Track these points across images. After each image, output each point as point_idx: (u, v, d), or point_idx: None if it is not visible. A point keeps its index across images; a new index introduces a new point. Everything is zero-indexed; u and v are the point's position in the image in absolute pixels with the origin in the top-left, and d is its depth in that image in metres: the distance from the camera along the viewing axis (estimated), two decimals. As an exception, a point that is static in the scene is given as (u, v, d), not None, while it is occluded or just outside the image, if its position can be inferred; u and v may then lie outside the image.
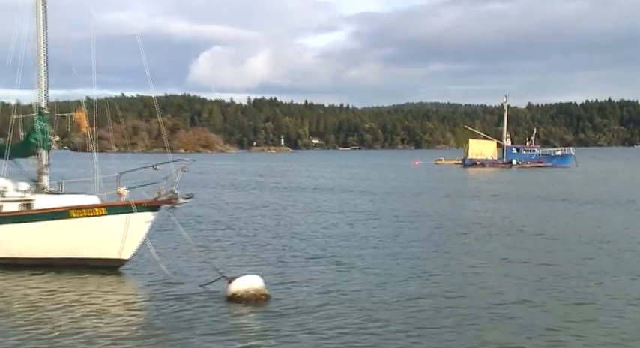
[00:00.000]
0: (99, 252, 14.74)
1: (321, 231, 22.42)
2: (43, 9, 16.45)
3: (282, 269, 15.18)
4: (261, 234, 21.55)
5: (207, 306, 11.96)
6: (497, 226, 23.87)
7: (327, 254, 17.52)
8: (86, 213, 14.54)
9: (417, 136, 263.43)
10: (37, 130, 16.61)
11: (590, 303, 12.33)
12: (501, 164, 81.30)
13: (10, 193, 16.03)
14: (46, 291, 13.29)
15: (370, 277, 14.49)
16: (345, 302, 12.28)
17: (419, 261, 16.56)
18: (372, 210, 30.09)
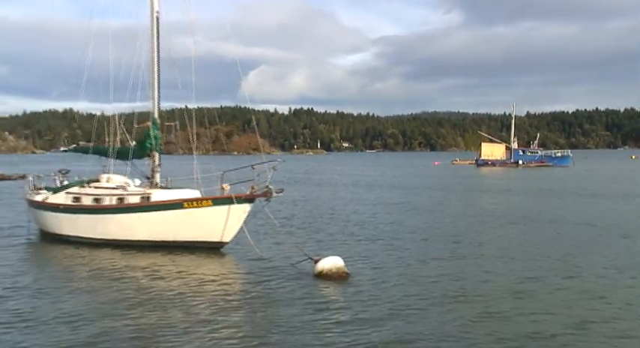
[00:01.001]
0: (205, 236, 15.09)
1: (378, 219, 22.51)
2: (157, 37, 16.95)
3: (357, 251, 15.22)
4: (333, 222, 21.59)
5: (297, 282, 12.07)
6: (519, 215, 23.71)
7: (389, 238, 17.69)
8: (196, 204, 14.93)
9: (432, 140, 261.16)
10: (151, 136, 17.13)
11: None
12: (509, 164, 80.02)
13: (131, 188, 16.62)
14: (161, 266, 13.68)
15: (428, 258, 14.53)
16: (414, 278, 12.42)
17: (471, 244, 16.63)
18: (412, 202, 30.02)
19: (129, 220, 15.53)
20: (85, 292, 11.56)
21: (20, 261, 15.07)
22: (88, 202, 16.66)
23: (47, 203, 17.52)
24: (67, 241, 16.74)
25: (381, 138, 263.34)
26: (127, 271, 13.34)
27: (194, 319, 9.59)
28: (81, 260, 14.61)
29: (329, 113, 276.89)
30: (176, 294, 11.21)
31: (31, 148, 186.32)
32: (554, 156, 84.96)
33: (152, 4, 16.85)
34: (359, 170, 68.33)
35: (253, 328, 9.20)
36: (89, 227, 16.23)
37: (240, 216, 14.74)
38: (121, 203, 15.88)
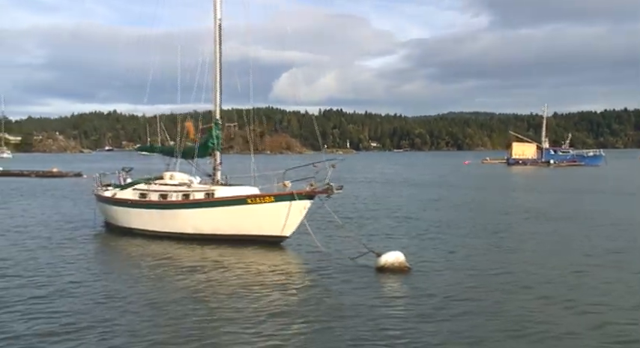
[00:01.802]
0: (266, 230, 15.35)
1: (427, 215, 22.57)
2: (220, 43, 17.33)
3: (414, 246, 15.27)
4: (384, 218, 21.66)
5: (359, 274, 12.18)
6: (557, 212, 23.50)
7: (441, 233, 17.82)
8: (259, 200, 15.22)
9: (459, 140, 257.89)
10: (213, 136, 17.53)
11: None
12: (540, 163, 78.54)
13: (195, 184, 17.06)
14: (225, 259, 13.95)
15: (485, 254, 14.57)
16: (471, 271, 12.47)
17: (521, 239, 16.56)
18: (452, 199, 29.94)
19: (195, 215, 15.94)
20: (153, 280, 12.02)
21: (92, 251, 15.74)
22: (155, 198, 17.17)
23: (116, 199, 18.12)
24: (135, 234, 17.26)
25: (409, 138, 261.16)
26: (193, 262, 13.70)
27: (256, 310, 9.66)
28: (148, 251, 15.04)
29: (357, 114, 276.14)
30: (239, 285, 11.40)
31: (78, 147, 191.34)
32: (587, 155, 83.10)
33: (215, 12, 17.23)
34: (392, 169, 68.01)
35: (317, 318, 9.22)
36: (157, 221, 16.71)
37: (300, 211, 14.97)
38: (188, 199, 16.31)
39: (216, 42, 17.25)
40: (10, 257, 14.08)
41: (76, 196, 31.38)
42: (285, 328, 8.72)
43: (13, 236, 17.32)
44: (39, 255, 14.41)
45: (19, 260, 13.75)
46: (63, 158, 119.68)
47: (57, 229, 18.84)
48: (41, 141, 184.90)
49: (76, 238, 17.37)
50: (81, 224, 20.16)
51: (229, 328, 8.76)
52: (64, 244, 16.19)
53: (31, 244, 15.88)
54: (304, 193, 14.80)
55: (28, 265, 13.25)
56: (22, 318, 9.20)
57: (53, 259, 13.99)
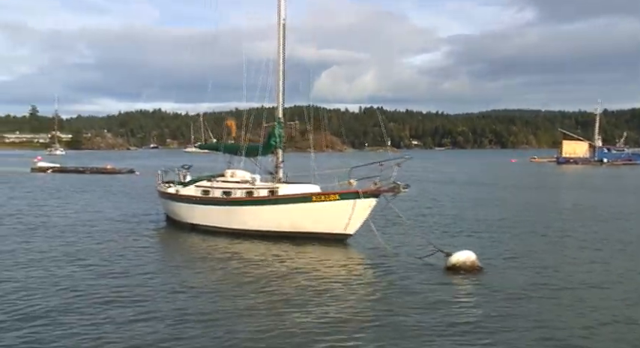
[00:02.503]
0: (330, 228, 15.45)
1: (487, 215, 22.20)
2: (284, 43, 17.52)
3: (482, 245, 15.04)
4: (445, 217, 21.45)
5: (428, 274, 12.09)
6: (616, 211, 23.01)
7: (505, 232, 17.62)
8: (324, 198, 15.34)
9: (502, 138, 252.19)
10: (276, 134, 17.76)
11: None
12: (593, 162, 76.04)
13: (258, 182, 17.32)
14: (288, 255, 14.12)
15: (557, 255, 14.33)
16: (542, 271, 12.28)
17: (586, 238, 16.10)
18: (508, 198, 29.59)
19: (259, 212, 16.19)
20: (221, 272, 12.39)
21: (158, 244, 16.38)
22: (218, 195, 17.53)
23: (180, 195, 18.58)
24: (198, 230, 17.67)
25: (451, 136, 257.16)
26: (257, 257, 13.93)
27: (322, 307, 9.65)
28: (213, 246, 15.34)
29: (398, 112, 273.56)
30: (305, 281, 11.48)
31: (126, 145, 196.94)
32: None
33: (279, 12, 17.43)
34: (438, 167, 66.85)
35: (389, 317, 9.17)
36: (220, 218, 17.05)
37: (365, 210, 14.99)
38: (252, 196, 16.57)
39: (279, 41, 17.45)
40: (85, 250, 14.69)
41: (133, 192, 32.39)
42: (356, 327, 8.64)
43: (83, 230, 17.99)
44: (110, 248, 14.98)
45: (92, 252, 14.35)
46: (112, 155, 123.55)
47: (122, 224, 19.51)
48: (90, 139, 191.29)
49: (141, 232, 17.97)
50: (144, 219, 20.83)
51: (297, 320, 8.91)
52: (132, 237, 16.75)
53: (101, 238, 16.49)
54: (369, 191, 14.81)
55: (102, 256, 13.84)
56: (102, 306, 9.67)
57: (123, 251, 14.54)
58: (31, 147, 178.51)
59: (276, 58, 17.66)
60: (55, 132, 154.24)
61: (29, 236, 16.74)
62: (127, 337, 8.15)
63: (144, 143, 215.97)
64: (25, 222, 19.82)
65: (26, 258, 13.63)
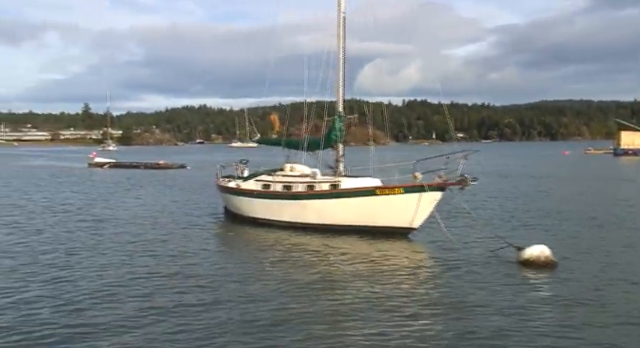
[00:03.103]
0: (394, 222, 15.35)
1: (553, 208, 21.62)
2: (344, 36, 17.48)
3: (554, 239, 14.61)
4: (510, 210, 20.97)
5: (498, 268, 11.81)
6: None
7: (575, 226, 17.12)
8: (388, 192, 15.26)
9: (552, 130, 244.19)
10: (336, 128, 17.77)
11: None
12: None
13: (318, 176, 17.38)
14: (351, 249, 14.07)
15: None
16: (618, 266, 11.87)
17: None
18: (571, 191, 28.68)
19: (322, 205, 16.26)
20: (282, 263, 12.56)
21: (219, 236, 16.83)
22: (279, 189, 17.71)
23: (241, 189, 18.87)
24: (258, 223, 17.87)
25: (497, 128, 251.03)
26: (319, 250, 13.98)
27: (385, 301, 9.53)
28: (274, 239, 15.53)
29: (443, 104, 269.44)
30: (366, 276, 11.39)
31: (173, 140, 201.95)
32: None
33: (339, 6, 17.38)
34: (490, 160, 65.40)
35: (456, 311, 9.02)
36: (282, 211, 17.22)
37: (430, 203, 14.83)
38: (314, 190, 16.66)
39: (339, 35, 17.41)
40: (152, 241, 15.22)
41: (188, 186, 33.19)
42: (422, 325, 8.46)
43: (148, 223, 18.57)
44: (175, 239, 15.46)
45: (160, 243, 14.90)
46: (160, 151, 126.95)
47: (185, 217, 20.05)
48: (140, 134, 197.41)
49: (203, 224, 18.43)
50: (203, 212, 21.33)
51: (359, 314, 8.91)
52: (195, 230, 17.21)
53: (166, 230, 16.99)
54: (435, 184, 14.62)
55: (169, 247, 14.32)
56: (168, 291, 10.21)
57: (189, 243, 14.99)
58: (84, 143, 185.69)
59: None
60: (107, 128, 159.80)
61: (99, 228, 17.45)
62: (195, 321, 8.52)
63: (190, 139, 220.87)
64: (93, 214, 20.66)
65: (102, 247, 14.31)
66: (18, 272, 11.67)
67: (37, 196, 27.06)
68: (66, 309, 9.17)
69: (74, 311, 9.05)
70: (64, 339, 7.86)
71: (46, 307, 9.28)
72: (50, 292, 10.17)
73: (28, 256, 13.19)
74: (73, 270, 11.87)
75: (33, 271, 11.74)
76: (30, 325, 8.36)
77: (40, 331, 8.13)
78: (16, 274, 11.55)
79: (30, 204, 23.98)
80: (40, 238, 15.72)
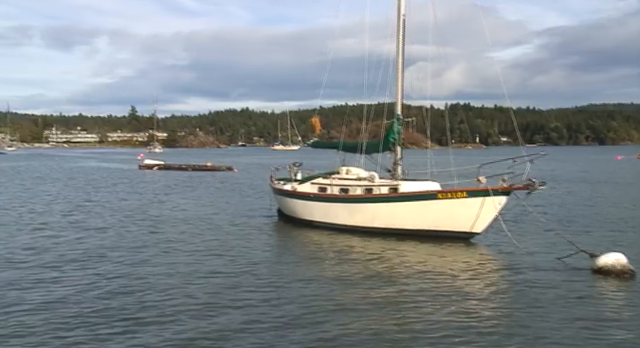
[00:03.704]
0: (457, 226, 15.13)
1: (620, 214, 20.88)
2: (403, 39, 17.38)
3: (627, 248, 13.70)
4: (577, 217, 20.25)
5: (569, 276, 11.38)
6: None
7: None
8: (450, 195, 15.06)
9: (601, 134, 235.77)
10: (394, 131, 17.67)
11: None
12: None
13: (377, 179, 17.30)
14: (413, 252, 13.97)
15: None
16: None
17: None
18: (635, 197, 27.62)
19: (382, 209, 16.16)
20: (340, 266, 12.50)
21: (276, 238, 16.96)
22: (336, 192, 17.71)
23: (297, 192, 18.97)
24: (315, 226, 17.92)
25: (543, 132, 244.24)
26: (379, 253, 13.84)
27: (447, 309, 9.27)
28: (331, 242, 15.50)
29: (486, 108, 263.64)
30: (427, 281, 11.16)
31: (216, 143, 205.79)
32: None
33: (399, 8, 17.30)
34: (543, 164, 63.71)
35: (522, 321, 8.70)
36: (340, 215, 17.20)
37: (495, 208, 14.53)
38: (373, 193, 16.59)
39: (399, 37, 17.33)
40: (210, 241, 15.46)
41: (238, 188, 33.69)
42: (483, 335, 8.14)
43: (204, 224, 18.89)
44: (232, 240, 15.64)
45: (217, 244, 15.16)
46: (204, 153, 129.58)
47: (240, 218, 20.34)
48: (184, 137, 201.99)
49: (259, 226, 18.61)
50: (257, 214, 21.56)
51: (418, 320, 8.74)
52: (251, 232, 17.41)
53: (222, 231, 17.21)
54: (500, 188, 14.31)
55: (226, 248, 14.52)
56: (233, 289, 10.51)
57: (247, 244, 15.21)
58: (131, 145, 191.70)
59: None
60: (153, 131, 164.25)
61: (160, 228, 17.94)
62: (251, 321, 8.67)
63: (232, 141, 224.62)
64: (151, 215, 21.21)
65: (165, 246, 14.69)
66: (89, 269, 12.14)
67: (97, 197, 28.00)
68: (136, 303, 9.56)
69: (145, 304, 9.44)
70: (134, 330, 8.23)
71: (117, 301, 9.68)
72: (120, 287, 10.55)
73: (97, 254, 13.68)
74: (140, 267, 12.28)
75: (105, 268, 12.16)
76: (102, 318, 8.75)
77: (110, 323, 8.52)
78: (87, 270, 12.03)
79: (90, 204, 24.84)
80: (105, 236, 16.30)
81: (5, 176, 43.89)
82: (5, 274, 11.51)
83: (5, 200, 25.89)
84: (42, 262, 12.71)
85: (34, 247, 14.48)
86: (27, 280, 11.07)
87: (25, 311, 9.05)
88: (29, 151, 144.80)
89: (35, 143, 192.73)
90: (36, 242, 15.15)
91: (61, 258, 13.12)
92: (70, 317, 8.76)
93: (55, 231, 17.08)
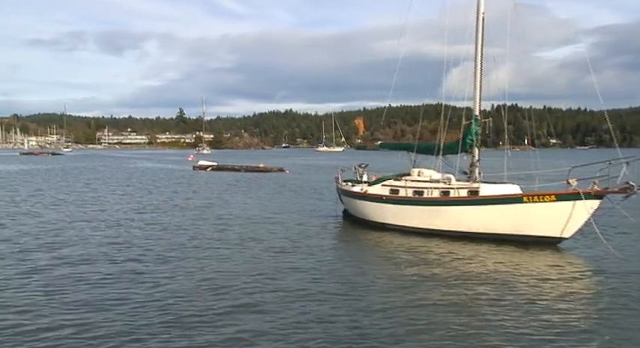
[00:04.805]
0: (543, 230, 14.58)
1: None
2: (482, 38, 16.94)
3: None
4: None
5: None
6: None
7: None
8: (537, 199, 14.53)
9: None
10: (472, 132, 17.22)
11: None
12: None
13: (453, 182, 16.88)
14: (497, 258, 13.50)
15: None
16: None
17: None
18: None
19: (462, 212, 15.74)
20: (416, 270, 12.15)
21: (345, 240, 16.87)
22: (409, 195, 17.39)
23: (370, 194, 18.71)
24: (387, 229, 17.59)
25: (595, 133, 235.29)
26: (459, 259, 13.46)
27: (536, 318, 8.89)
28: (409, 246, 15.11)
29: (535, 109, 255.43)
30: (515, 287, 10.76)
31: (260, 144, 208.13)
32: None
33: (479, 6, 16.87)
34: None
35: (618, 334, 8.19)
36: (415, 217, 16.87)
37: (586, 212, 13.90)
38: (454, 196, 16.18)
39: (477, 36, 16.88)
40: (277, 242, 15.52)
41: (296, 189, 33.77)
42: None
43: (270, 225, 18.90)
44: (301, 242, 15.59)
45: (291, 242, 15.39)
46: (250, 154, 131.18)
47: (306, 218, 20.40)
48: (229, 138, 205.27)
49: (327, 228, 18.57)
50: (322, 215, 21.49)
51: (502, 327, 8.43)
52: (318, 231, 17.53)
53: (290, 233, 17.14)
54: (594, 192, 13.68)
55: (298, 250, 14.53)
56: (308, 283, 10.81)
57: (320, 241, 15.49)
58: (178, 146, 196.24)
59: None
60: (200, 133, 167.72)
61: (228, 226, 18.31)
62: (334, 314, 8.96)
63: (276, 142, 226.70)
64: (218, 214, 21.52)
65: (239, 244, 14.93)
66: (170, 263, 12.58)
67: (162, 197, 28.64)
68: (214, 294, 10.06)
69: (223, 296, 9.95)
70: (211, 319, 8.73)
71: (194, 290, 10.32)
72: (197, 282, 10.97)
73: (175, 250, 14.11)
74: (217, 262, 12.72)
75: (184, 265, 12.54)
76: (186, 306, 9.36)
77: (191, 310, 9.12)
78: (168, 264, 12.46)
79: (157, 203, 25.44)
80: (180, 233, 16.74)
81: (72, 176, 45.61)
82: (103, 268, 12.03)
83: (80, 200, 26.84)
84: (132, 256, 13.29)
85: (120, 242, 15.05)
86: (127, 273, 11.54)
87: (140, 295, 9.44)
88: (83, 152, 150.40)
89: (88, 144, 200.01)
90: (119, 237, 15.86)
91: (149, 254, 13.59)
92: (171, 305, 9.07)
93: (133, 229, 17.60)
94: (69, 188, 33.20)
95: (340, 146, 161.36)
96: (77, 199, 26.48)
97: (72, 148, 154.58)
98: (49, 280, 10.98)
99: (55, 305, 9.33)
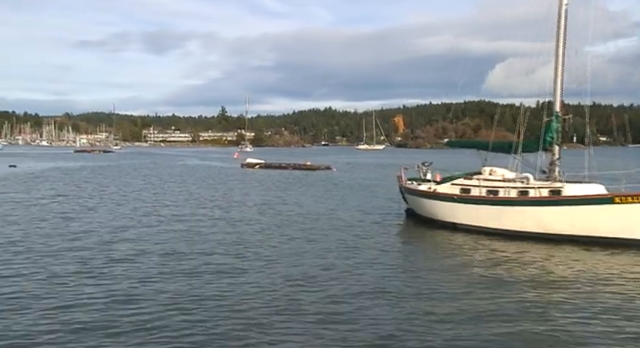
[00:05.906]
0: (636, 233, 13.83)
1: None
2: (564, 31, 16.16)
3: None
4: None
5: None
6: None
7: None
8: (631, 200, 13.72)
9: None
10: (552, 129, 16.47)
11: None
12: None
13: (532, 181, 16.14)
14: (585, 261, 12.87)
15: None
16: None
17: None
18: None
19: (543, 213, 15.06)
20: (496, 274, 11.48)
21: (410, 239, 16.74)
22: (483, 194, 16.76)
23: (438, 193, 18.16)
24: (457, 228, 17.01)
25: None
26: (543, 261, 12.88)
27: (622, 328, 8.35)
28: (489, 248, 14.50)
29: (581, 106, 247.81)
30: (605, 293, 10.18)
31: (300, 142, 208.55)
32: None
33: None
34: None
35: None
36: (490, 217, 16.23)
37: None
38: (535, 196, 15.47)
39: (560, 30, 16.10)
40: (347, 240, 15.35)
41: (350, 186, 33.47)
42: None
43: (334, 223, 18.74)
44: (368, 241, 15.38)
45: (358, 239, 15.42)
46: (292, 151, 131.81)
47: (368, 216, 20.21)
48: (270, 136, 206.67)
49: (391, 224, 18.50)
50: (383, 212, 21.37)
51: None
52: (384, 229, 17.42)
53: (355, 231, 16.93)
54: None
55: (370, 241, 14.84)
56: (379, 279, 11.09)
57: (387, 239, 15.59)
58: (220, 144, 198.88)
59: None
60: (242, 131, 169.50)
61: (291, 222, 18.58)
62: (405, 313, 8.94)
63: (315, 140, 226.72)
64: (279, 210, 21.76)
65: (304, 239, 14.97)
66: (259, 259, 12.68)
67: (218, 193, 28.98)
68: (265, 288, 10.31)
69: (276, 289, 10.24)
70: (263, 315, 8.85)
71: (254, 283, 10.68)
72: (258, 277, 11.24)
73: (251, 246, 14.40)
74: (296, 258, 12.97)
75: (250, 258, 12.94)
76: (241, 297, 9.73)
77: (247, 302, 9.42)
78: (260, 261, 12.52)
79: (215, 199, 25.77)
80: (249, 229, 17.17)
81: (126, 174, 46.67)
82: (186, 262, 12.34)
83: (142, 196, 27.38)
84: (214, 251, 13.61)
85: (195, 238, 15.41)
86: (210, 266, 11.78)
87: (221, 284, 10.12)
88: (131, 149, 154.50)
89: (135, 142, 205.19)
90: (191, 231, 16.46)
91: (230, 249, 13.93)
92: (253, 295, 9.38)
93: (201, 222, 17.97)
94: (131, 187, 33.88)
95: (380, 144, 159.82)
96: (138, 198, 26.96)
97: (120, 146, 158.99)
98: (142, 271, 11.55)
99: (161, 297, 9.69)
